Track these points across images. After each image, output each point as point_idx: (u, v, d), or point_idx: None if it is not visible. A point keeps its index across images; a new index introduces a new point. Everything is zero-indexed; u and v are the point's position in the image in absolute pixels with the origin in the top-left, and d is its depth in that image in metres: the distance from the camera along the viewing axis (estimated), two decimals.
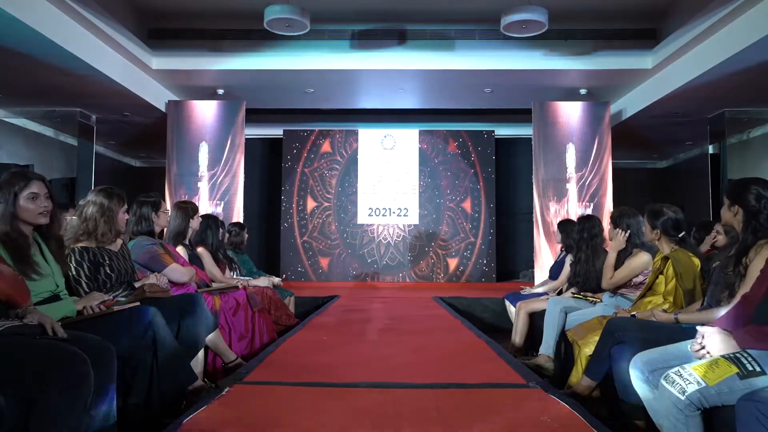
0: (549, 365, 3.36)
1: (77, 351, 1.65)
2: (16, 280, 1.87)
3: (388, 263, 8.64)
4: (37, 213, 2.13)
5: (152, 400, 2.21)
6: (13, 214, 2.07)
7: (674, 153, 10.03)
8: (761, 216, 2.06)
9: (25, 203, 2.10)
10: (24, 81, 5.94)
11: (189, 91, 7.32)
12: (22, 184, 2.10)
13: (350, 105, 8.02)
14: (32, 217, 2.13)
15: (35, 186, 2.12)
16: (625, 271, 3.18)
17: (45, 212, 2.15)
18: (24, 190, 2.10)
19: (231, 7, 5.73)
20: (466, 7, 5.73)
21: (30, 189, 2.11)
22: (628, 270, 3.18)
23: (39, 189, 2.13)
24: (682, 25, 5.50)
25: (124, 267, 2.71)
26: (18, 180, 2.11)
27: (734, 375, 1.62)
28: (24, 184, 2.11)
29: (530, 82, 6.82)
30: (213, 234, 4.12)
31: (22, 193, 2.10)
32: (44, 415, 1.54)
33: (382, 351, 3.26)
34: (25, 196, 2.10)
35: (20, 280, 1.90)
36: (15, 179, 2.11)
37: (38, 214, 2.13)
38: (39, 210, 2.13)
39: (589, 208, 7.07)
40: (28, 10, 4.47)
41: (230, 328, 3.33)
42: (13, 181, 2.10)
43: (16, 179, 2.11)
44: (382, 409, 2.11)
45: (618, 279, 3.20)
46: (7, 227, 2.04)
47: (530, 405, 2.15)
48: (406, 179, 8.76)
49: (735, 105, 6.86)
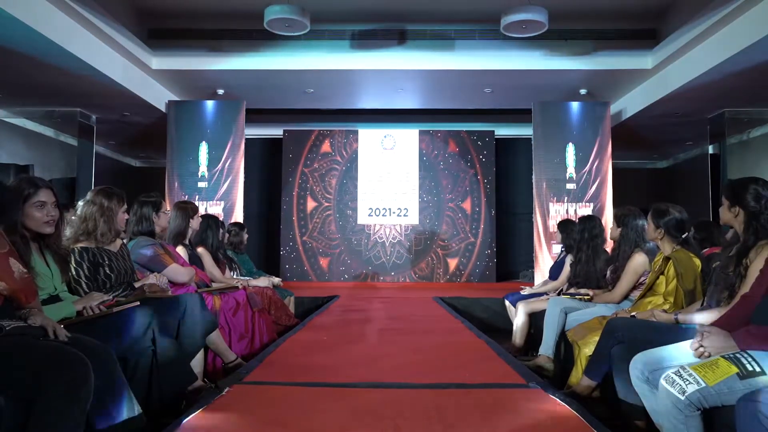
0: (549, 366, 3.36)
1: (78, 353, 1.64)
2: (24, 277, 1.87)
3: (388, 263, 8.64)
4: (43, 222, 2.12)
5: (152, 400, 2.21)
6: (18, 221, 2.05)
7: (674, 153, 10.03)
8: (762, 217, 2.06)
9: (32, 211, 2.09)
10: (24, 81, 5.94)
11: (189, 91, 7.32)
12: (30, 191, 2.09)
13: (350, 105, 8.02)
14: (37, 225, 2.12)
15: (43, 194, 2.11)
16: (628, 277, 3.17)
17: (51, 221, 2.15)
18: (32, 197, 2.09)
19: (231, 7, 5.73)
20: (466, 7, 5.74)
21: (38, 197, 2.10)
22: (630, 275, 3.17)
23: (47, 197, 2.12)
24: (682, 25, 5.50)
25: (123, 267, 2.70)
26: (26, 187, 2.10)
27: (734, 375, 1.62)
28: (32, 191, 2.09)
29: (530, 82, 6.82)
30: (213, 234, 4.12)
31: (29, 200, 2.08)
32: (43, 416, 1.53)
33: (382, 351, 3.26)
34: (32, 204, 2.09)
35: (28, 278, 1.89)
36: (23, 186, 2.10)
37: (44, 223, 2.13)
38: (45, 219, 2.12)
39: (589, 208, 7.07)
40: (28, 10, 4.47)
41: (230, 328, 3.33)
42: (22, 188, 2.09)
43: (25, 186, 2.10)
44: (382, 409, 2.10)
45: (625, 287, 3.19)
46: (13, 235, 2.02)
47: (530, 405, 2.15)
48: (406, 179, 8.76)
49: (735, 105, 6.86)
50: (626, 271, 3.18)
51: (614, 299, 3.23)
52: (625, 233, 3.23)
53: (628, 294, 3.22)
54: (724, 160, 7.13)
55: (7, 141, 7.25)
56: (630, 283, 3.18)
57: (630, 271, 3.16)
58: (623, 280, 3.19)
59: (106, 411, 1.81)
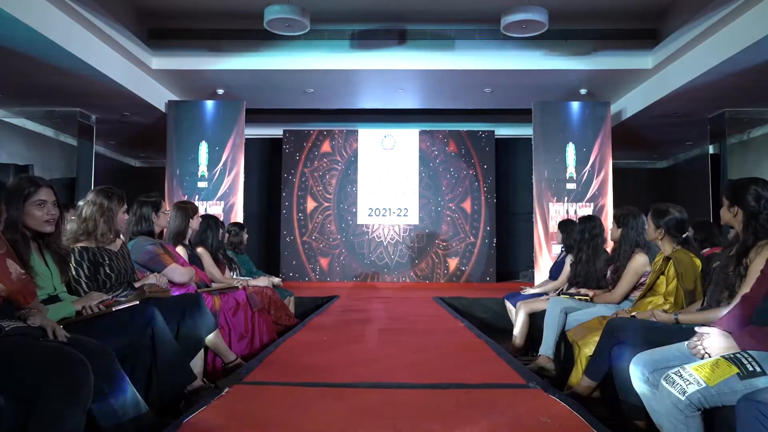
0: (550, 366, 3.36)
1: (78, 354, 1.64)
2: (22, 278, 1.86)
3: (388, 263, 8.64)
4: (43, 221, 2.13)
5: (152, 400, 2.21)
6: (19, 220, 2.06)
7: (674, 153, 10.03)
8: (761, 217, 2.06)
9: (32, 210, 2.10)
10: (24, 81, 5.94)
11: (189, 91, 7.32)
12: (31, 190, 2.09)
13: (350, 105, 8.02)
14: (38, 224, 2.12)
15: (44, 193, 2.12)
16: (628, 277, 3.17)
17: (51, 220, 2.15)
18: (32, 196, 2.09)
19: (231, 7, 5.73)
20: (466, 7, 5.73)
21: (38, 196, 2.10)
22: (631, 275, 3.17)
23: (47, 196, 2.13)
24: (682, 25, 5.50)
25: (123, 267, 2.70)
26: (27, 185, 2.10)
27: (735, 375, 1.62)
28: (33, 190, 2.10)
29: (530, 82, 6.81)
30: (213, 234, 4.12)
31: (30, 198, 2.09)
32: (43, 417, 1.53)
33: (382, 351, 3.26)
34: (33, 203, 2.10)
35: (26, 279, 1.89)
36: (24, 184, 2.11)
37: (44, 221, 2.13)
38: (45, 218, 2.13)
39: (589, 208, 7.07)
40: (28, 10, 4.46)
41: (230, 328, 3.32)
42: (22, 186, 2.09)
43: (25, 184, 2.11)
44: (382, 409, 2.10)
45: (625, 288, 3.19)
46: (14, 234, 2.02)
47: (530, 405, 2.15)
48: (406, 179, 8.76)
49: (735, 105, 6.85)
50: (627, 271, 3.17)
51: (614, 300, 3.23)
52: (626, 233, 3.23)
53: (628, 294, 3.22)
54: (725, 160, 7.12)
55: (7, 141, 7.25)
56: (630, 284, 3.18)
57: (631, 272, 3.16)
58: (623, 280, 3.19)
59: (111, 410, 1.81)
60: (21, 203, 2.07)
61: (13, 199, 2.05)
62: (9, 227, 2.01)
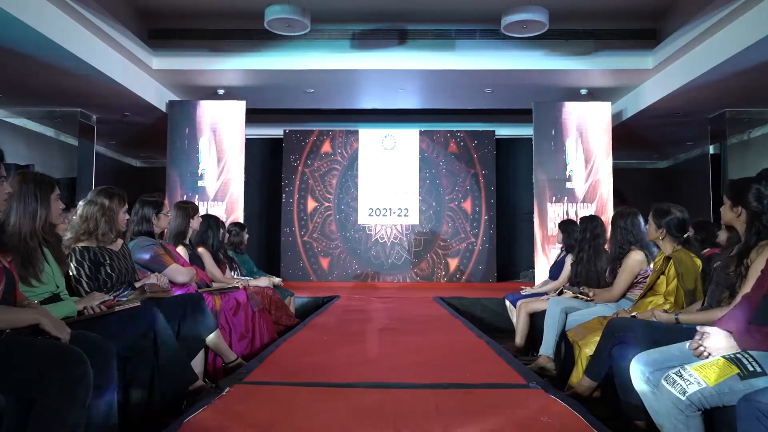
0: (551, 366, 3.36)
1: (76, 350, 1.65)
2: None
3: (388, 263, 8.63)
4: (58, 213, 2.24)
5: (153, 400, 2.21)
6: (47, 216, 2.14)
7: (675, 153, 10.03)
8: (764, 217, 2.06)
9: (56, 204, 2.20)
10: (24, 81, 5.94)
11: (189, 91, 7.32)
12: (53, 186, 2.20)
13: (350, 105, 8.01)
14: (56, 217, 2.23)
15: (57, 188, 2.23)
16: (624, 275, 3.19)
17: (60, 212, 2.28)
18: (55, 190, 2.20)
19: (231, 7, 5.73)
20: (466, 7, 5.74)
21: (56, 191, 2.21)
22: (626, 273, 3.18)
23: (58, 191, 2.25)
24: (682, 25, 5.50)
25: (124, 267, 2.71)
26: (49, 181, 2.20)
27: (735, 375, 1.62)
28: (54, 185, 2.20)
29: (530, 82, 6.81)
30: (213, 234, 4.12)
31: (53, 192, 2.19)
32: (43, 414, 1.54)
33: (382, 351, 3.27)
34: (54, 198, 2.19)
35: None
36: (47, 180, 2.19)
37: (59, 215, 2.26)
38: (59, 211, 2.24)
39: (589, 208, 7.06)
40: (28, 10, 4.46)
41: (230, 328, 3.33)
42: (46, 181, 2.17)
43: (48, 180, 2.19)
44: (382, 409, 2.10)
45: (622, 285, 3.20)
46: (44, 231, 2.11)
47: (530, 405, 2.15)
48: (407, 179, 8.76)
49: (735, 105, 6.85)
50: (623, 269, 3.20)
51: (613, 297, 3.25)
52: (613, 233, 3.29)
53: (626, 292, 3.24)
54: (725, 160, 7.12)
55: (7, 141, 7.25)
56: (627, 281, 3.20)
57: (627, 269, 3.18)
58: (620, 277, 3.21)
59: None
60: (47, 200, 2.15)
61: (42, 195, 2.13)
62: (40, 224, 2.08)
